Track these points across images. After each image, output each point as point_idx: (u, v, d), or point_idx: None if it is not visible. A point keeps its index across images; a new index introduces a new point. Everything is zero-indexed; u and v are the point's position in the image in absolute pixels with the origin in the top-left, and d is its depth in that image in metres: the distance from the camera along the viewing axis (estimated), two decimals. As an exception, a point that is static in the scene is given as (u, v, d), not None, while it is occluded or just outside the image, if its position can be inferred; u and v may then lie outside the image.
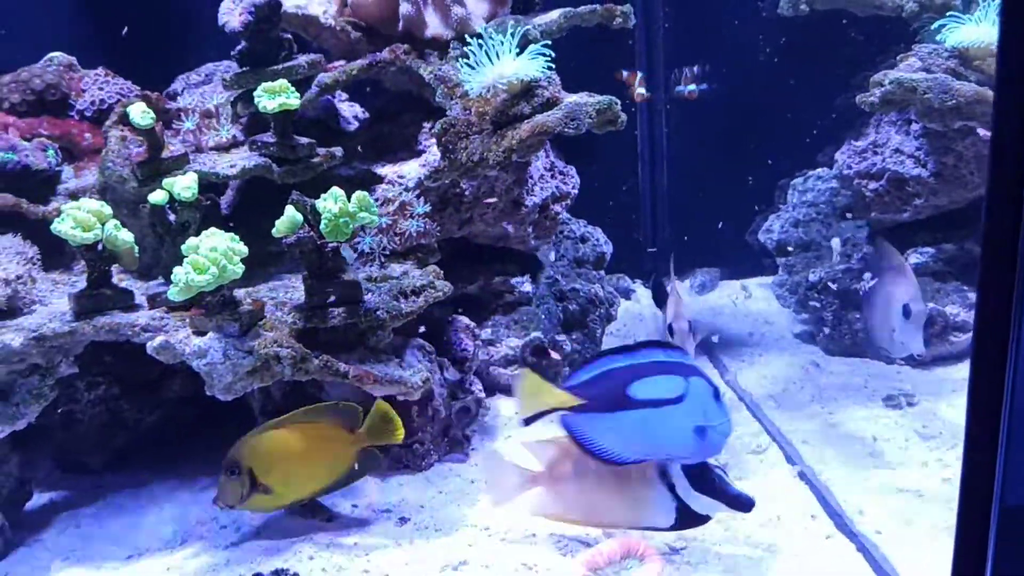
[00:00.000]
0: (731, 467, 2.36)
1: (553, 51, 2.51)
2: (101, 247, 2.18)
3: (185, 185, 2.26)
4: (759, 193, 3.72)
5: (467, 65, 2.53)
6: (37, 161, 2.52)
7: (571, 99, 2.50)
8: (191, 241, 2.05)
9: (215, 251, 2.01)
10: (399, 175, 2.68)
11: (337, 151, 2.58)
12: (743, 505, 1.86)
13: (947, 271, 2.94)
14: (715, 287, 3.96)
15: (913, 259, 2.95)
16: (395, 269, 2.50)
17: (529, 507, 2.02)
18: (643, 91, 3.18)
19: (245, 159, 2.48)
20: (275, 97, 2.39)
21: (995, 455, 1.09)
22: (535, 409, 1.86)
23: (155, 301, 2.24)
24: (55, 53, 2.84)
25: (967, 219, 2.95)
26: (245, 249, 2.09)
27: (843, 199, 3.26)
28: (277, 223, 2.16)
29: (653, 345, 1.88)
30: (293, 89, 2.43)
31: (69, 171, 2.65)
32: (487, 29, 2.63)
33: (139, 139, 2.46)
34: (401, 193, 2.57)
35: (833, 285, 3.06)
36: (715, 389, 1.82)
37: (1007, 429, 1.07)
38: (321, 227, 2.14)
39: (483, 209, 2.75)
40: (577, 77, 2.66)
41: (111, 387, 2.52)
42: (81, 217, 2.11)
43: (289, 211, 2.16)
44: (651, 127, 3.84)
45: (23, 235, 2.41)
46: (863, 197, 3.04)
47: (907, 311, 2.33)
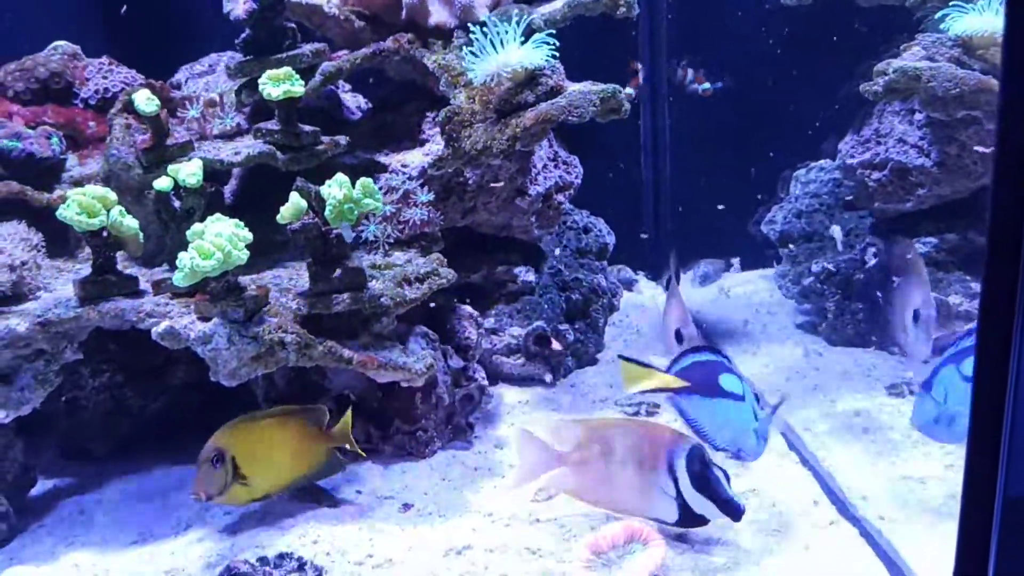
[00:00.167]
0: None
1: (557, 40, 2.52)
2: (106, 233, 2.18)
3: (190, 171, 2.26)
4: (762, 184, 3.72)
5: (471, 53, 2.53)
6: (41, 149, 2.53)
7: (575, 88, 2.51)
8: (196, 227, 2.06)
9: (220, 237, 2.02)
10: (403, 164, 2.68)
11: (341, 139, 2.58)
12: (733, 511, 1.89)
13: (950, 261, 2.94)
14: (719, 278, 3.96)
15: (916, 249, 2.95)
16: (399, 257, 2.51)
17: (551, 484, 2.09)
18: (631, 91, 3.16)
19: (249, 146, 2.49)
20: (279, 85, 2.40)
21: (999, 445, 1.09)
22: (639, 389, 2.06)
23: (160, 287, 2.24)
24: (59, 42, 2.84)
25: (970, 209, 2.95)
26: (250, 235, 2.09)
27: (846, 190, 3.26)
28: (282, 209, 2.16)
29: (705, 348, 2.08)
30: (298, 77, 2.43)
31: (73, 159, 2.66)
32: (491, 17, 2.63)
33: (144, 126, 2.46)
34: (405, 182, 2.58)
35: (835, 275, 3.06)
36: (758, 394, 2.08)
37: (1011, 419, 1.08)
38: (326, 214, 2.15)
39: (487, 198, 2.75)
40: (581, 68, 2.67)
41: (115, 374, 2.53)
42: (86, 203, 2.12)
43: (294, 197, 2.17)
44: (654, 118, 3.84)
45: (28, 222, 2.42)
46: (866, 187, 3.04)
47: (917, 316, 2.33)
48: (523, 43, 2.51)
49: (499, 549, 2.02)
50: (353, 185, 2.15)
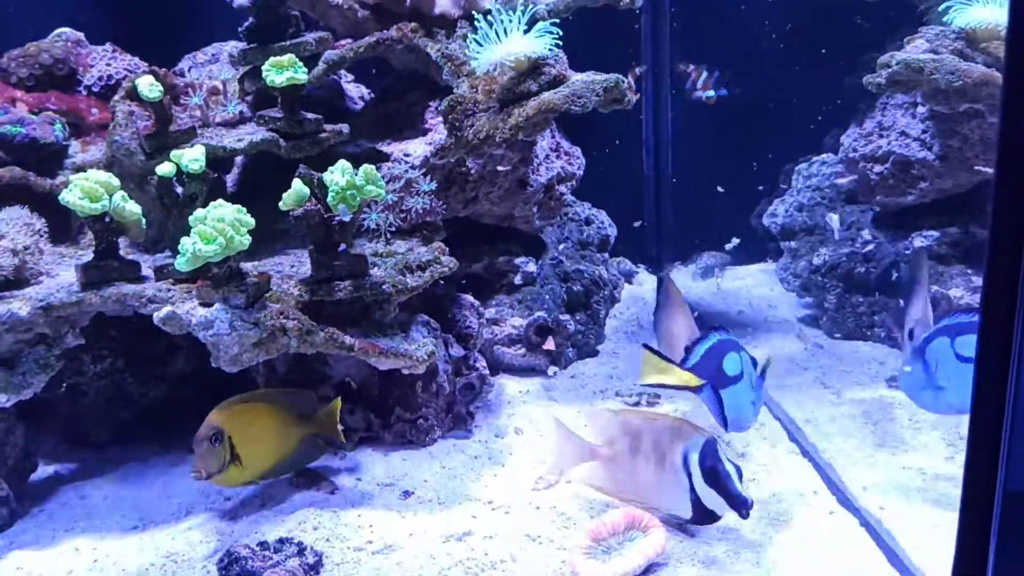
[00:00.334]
0: (732, 443, 2.37)
1: (560, 34, 2.51)
2: (108, 218, 2.18)
3: (193, 157, 2.26)
4: (764, 179, 3.72)
5: (475, 42, 2.53)
6: (44, 135, 2.53)
7: (578, 78, 2.50)
8: (198, 212, 2.06)
9: (222, 221, 2.02)
10: (405, 153, 2.68)
11: (344, 128, 2.58)
12: (741, 506, 1.88)
13: (951, 255, 2.94)
14: (723, 272, 3.96)
15: (917, 243, 2.95)
16: (401, 245, 2.50)
17: (581, 477, 2.14)
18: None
19: (252, 134, 2.49)
20: (283, 72, 2.40)
21: (999, 438, 1.09)
22: (656, 381, 2.08)
23: (162, 272, 2.24)
24: (63, 29, 2.84)
25: (972, 202, 2.95)
26: (252, 221, 2.09)
27: (848, 184, 3.26)
28: (284, 196, 2.16)
29: (707, 333, 2.09)
30: (301, 64, 2.43)
31: (76, 145, 2.66)
32: (495, 7, 2.63)
33: (147, 113, 2.46)
34: (407, 171, 2.57)
35: (836, 268, 3.07)
36: (754, 360, 2.06)
37: (1011, 413, 1.08)
38: (328, 200, 2.15)
39: (488, 188, 2.76)
40: (584, 62, 2.66)
41: (116, 361, 2.53)
42: (88, 188, 2.12)
43: (296, 184, 2.16)
44: (656, 111, 3.84)
45: (30, 208, 2.42)
46: (868, 180, 3.04)
47: (912, 335, 2.32)
48: (526, 32, 2.51)
49: (499, 536, 2.02)
50: (356, 172, 2.15)
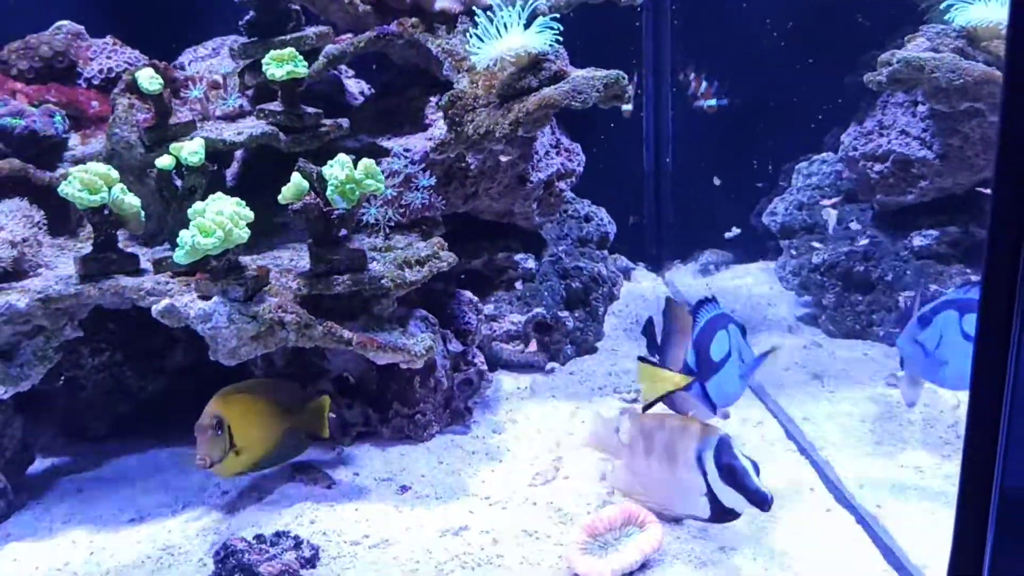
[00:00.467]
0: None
1: (561, 33, 2.51)
2: (107, 211, 2.18)
3: (192, 150, 2.26)
4: (764, 177, 3.72)
5: (476, 37, 2.53)
6: (44, 127, 2.53)
7: (578, 73, 2.50)
8: (197, 205, 2.06)
9: (221, 214, 2.02)
10: (405, 148, 2.68)
11: (343, 122, 2.58)
12: (761, 502, 1.81)
13: (951, 254, 2.94)
14: (718, 270, 3.96)
15: (917, 241, 2.95)
16: (400, 240, 2.50)
17: (609, 480, 2.15)
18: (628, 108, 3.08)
19: (252, 127, 2.48)
20: (283, 65, 2.40)
21: (996, 437, 1.09)
22: (655, 394, 1.98)
23: (161, 265, 2.24)
24: (63, 21, 2.84)
25: (971, 202, 2.95)
26: (251, 214, 2.09)
27: (847, 182, 3.26)
28: (283, 189, 2.16)
29: (697, 310, 1.99)
30: (301, 58, 2.43)
31: (76, 138, 2.66)
32: (496, 2, 2.62)
33: (146, 106, 2.46)
34: (407, 166, 2.57)
35: (835, 266, 3.06)
36: (742, 328, 1.98)
37: (1008, 411, 1.08)
38: (327, 194, 2.15)
39: (488, 184, 2.75)
40: (584, 61, 2.66)
41: (115, 354, 2.53)
42: (88, 179, 2.12)
43: (295, 177, 2.16)
44: (656, 110, 3.84)
45: (29, 200, 2.41)
46: (868, 179, 3.03)
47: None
48: (527, 28, 2.50)
49: (496, 531, 2.02)
50: (355, 166, 2.15)
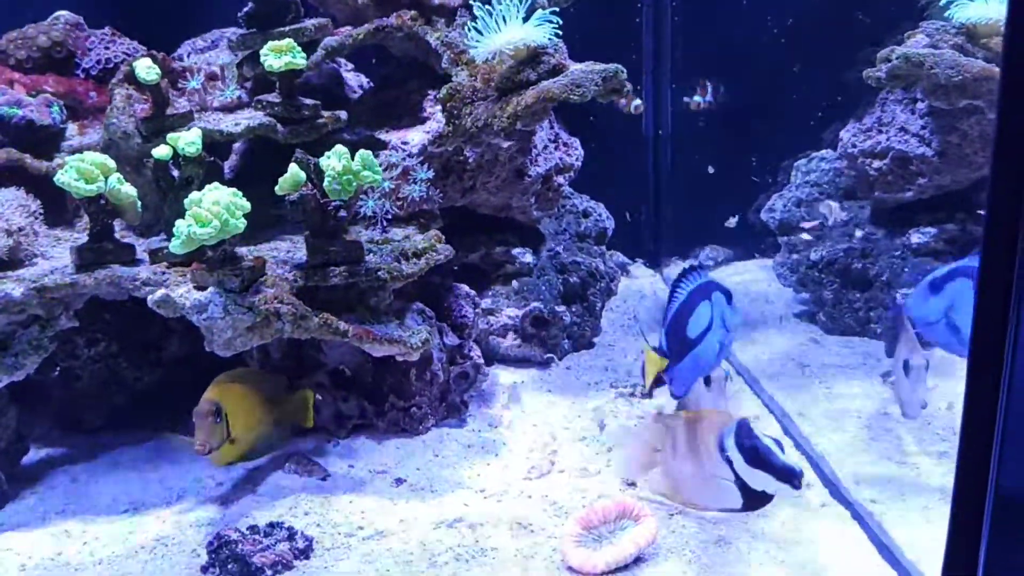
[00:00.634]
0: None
1: (560, 29, 2.50)
2: (104, 200, 2.18)
3: (189, 140, 2.25)
4: (763, 174, 3.71)
5: (475, 30, 2.52)
6: (41, 117, 2.52)
7: (577, 67, 2.50)
8: (194, 194, 2.05)
9: (218, 204, 2.01)
10: (403, 141, 2.68)
11: (342, 114, 2.57)
12: (791, 477, 1.70)
13: (948, 251, 2.94)
14: (724, 265, 3.96)
15: (915, 239, 2.95)
16: (397, 233, 2.50)
17: (650, 486, 2.05)
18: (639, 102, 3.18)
19: (250, 118, 2.48)
20: (281, 56, 2.39)
21: (992, 435, 1.09)
22: (649, 378, 1.97)
23: (157, 256, 2.23)
24: (62, 12, 2.83)
25: (970, 199, 2.95)
26: (247, 204, 2.08)
27: (846, 179, 3.25)
28: (280, 180, 2.15)
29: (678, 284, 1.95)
30: (299, 49, 2.42)
31: (73, 128, 2.65)
32: (496, -5, 2.62)
33: (144, 96, 2.46)
34: (404, 158, 2.57)
35: (834, 263, 3.06)
36: (728, 293, 1.92)
37: (1004, 410, 1.07)
38: (324, 185, 2.14)
39: (486, 177, 2.75)
40: (584, 55, 2.65)
41: (110, 345, 2.53)
42: (84, 169, 2.11)
43: (292, 168, 2.16)
44: (656, 106, 3.83)
45: (26, 190, 2.41)
46: (866, 176, 3.03)
47: (907, 367, 2.24)
48: (526, 21, 2.50)
49: (490, 523, 2.02)
50: (352, 158, 2.15)
